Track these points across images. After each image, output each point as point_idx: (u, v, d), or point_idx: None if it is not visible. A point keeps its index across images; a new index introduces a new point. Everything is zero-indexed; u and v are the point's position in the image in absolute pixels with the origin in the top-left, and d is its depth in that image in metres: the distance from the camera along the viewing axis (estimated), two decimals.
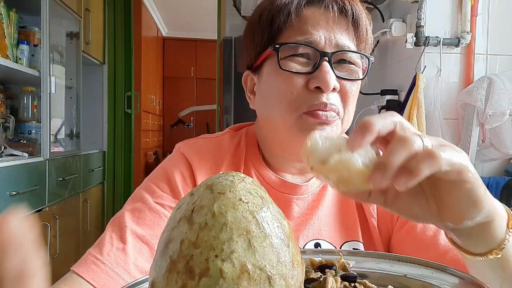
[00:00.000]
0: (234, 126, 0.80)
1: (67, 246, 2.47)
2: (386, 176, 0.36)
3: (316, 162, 0.37)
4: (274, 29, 0.64)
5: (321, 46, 0.62)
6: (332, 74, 0.61)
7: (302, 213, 0.69)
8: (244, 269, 0.28)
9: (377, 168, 0.36)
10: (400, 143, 0.37)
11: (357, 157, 0.37)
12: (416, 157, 0.36)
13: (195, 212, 0.30)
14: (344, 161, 0.37)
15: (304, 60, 0.63)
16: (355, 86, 0.65)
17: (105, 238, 0.61)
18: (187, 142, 0.73)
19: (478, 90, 1.58)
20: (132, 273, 0.58)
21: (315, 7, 0.64)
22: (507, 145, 1.59)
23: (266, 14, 0.65)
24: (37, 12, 2.12)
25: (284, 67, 0.63)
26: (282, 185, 0.70)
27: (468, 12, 1.71)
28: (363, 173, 0.37)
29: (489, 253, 0.44)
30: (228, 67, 2.79)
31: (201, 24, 5.95)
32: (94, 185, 3.10)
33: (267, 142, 0.71)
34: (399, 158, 0.36)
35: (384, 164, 0.36)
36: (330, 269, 0.42)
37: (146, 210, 0.64)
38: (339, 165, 0.37)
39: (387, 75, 2.07)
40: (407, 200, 0.42)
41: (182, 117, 6.07)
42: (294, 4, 0.63)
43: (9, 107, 2.23)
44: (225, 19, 3.16)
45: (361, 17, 0.65)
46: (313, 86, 0.61)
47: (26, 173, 1.95)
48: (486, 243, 0.44)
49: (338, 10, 0.64)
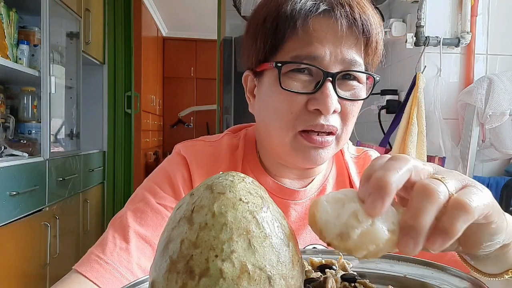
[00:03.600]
0: (233, 128, 0.79)
1: (67, 246, 2.47)
2: (418, 241, 0.31)
3: (334, 238, 0.32)
4: (277, 38, 0.61)
5: (326, 63, 0.59)
6: (334, 96, 0.58)
7: (300, 218, 0.69)
8: (244, 269, 0.28)
9: (407, 234, 0.31)
10: (425, 197, 0.32)
11: (380, 225, 0.32)
12: (447, 213, 0.32)
13: (195, 212, 0.30)
14: (368, 233, 0.32)
15: (307, 77, 0.60)
16: (357, 105, 0.63)
17: (107, 237, 0.61)
18: (186, 144, 0.73)
19: (478, 90, 1.58)
20: (135, 273, 0.58)
21: (324, 19, 0.59)
22: (507, 145, 1.59)
23: (271, 20, 0.61)
24: (37, 12, 2.12)
25: (285, 86, 0.60)
26: (279, 190, 0.69)
27: (468, 12, 1.71)
28: (391, 241, 0.32)
29: (505, 273, 0.43)
30: (228, 67, 2.79)
31: (201, 24, 5.95)
32: (94, 185, 3.10)
33: (265, 148, 0.71)
34: (428, 218, 0.31)
35: (414, 227, 0.31)
36: (330, 269, 0.42)
37: (149, 211, 0.64)
38: (363, 239, 0.32)
39: (387, 75, 2.07)
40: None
41: (182, 117, 6.07)
42: (301, 15, 0.59)
43: (9, 107, 2.23)
44: (225, 19, 3.16)
45: (372, 30, 0.61)
46: (312, 107, 0.59)
47: (26, 173, 1.94)
48: (502, 265, 0.42)
49: (348, 24, 0.59)
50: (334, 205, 0.33)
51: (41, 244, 2.11)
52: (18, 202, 1.85)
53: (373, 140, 2.01)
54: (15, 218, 1.84)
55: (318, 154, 0.61)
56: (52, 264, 2.19)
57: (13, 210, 1.82)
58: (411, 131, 1.65)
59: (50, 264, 2.18)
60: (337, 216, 0.32)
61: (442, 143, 1.66)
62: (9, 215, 1.79)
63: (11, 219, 1.80)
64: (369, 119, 2.04)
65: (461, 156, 1.68)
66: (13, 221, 1.82)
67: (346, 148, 0.77)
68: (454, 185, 0.33)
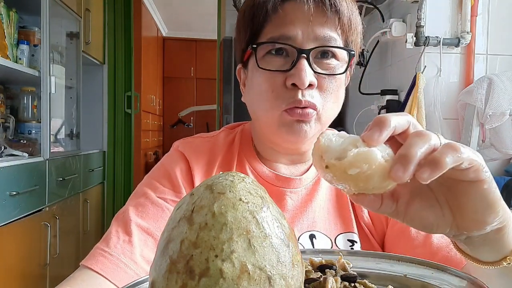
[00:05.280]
0: (230, 125, 0.82)
1: (67, 246, 2.47)
2: (409, 168, 0.34)
3: (332, 158, 0.35)
4: (255, 26, 0.66)
5: (299, 42, 0.63)
6: (309, 70, 0.62)
7: (296, 206, 0.70)
8: (244, 269, 0.28)
9: (399, 161, 0.34)
10: (419, 137, 0.35)
11: (375, 149, 0.35)
12: (438, 149, 0.35)
13: (195, 212, 0.30)
14: (363, 153, 0.34)
15: (283, 57, 0.64)
16: (336, 82, 0.65)
17: (111, 232, 0.63)
18: (185, 141, 0.76)
19: (478, 90, 1.58)
20: (139, 263, 0.60)
21: (292, 2, 0.64)
22: (507, 145, 1.59)
23: (248, 11, 0.67)
24: (37, 12, 2.12)
25: (262, 66, 0.64)
26: (275, 178, 0.71)
27: (468, 12, 1.71)
28: (383, 168, 0.34)
29: (503, 260, 0.42)
30: (228, 67, 2.79)
31: (201, 24, 5.95)
32: (94, 185, 3.10)
33: (258, 135, 0.74)
34: (420, 150, 0.34)
35: (406, 155, 0.34)
36: (330, 269, 0.42)
37: (149, 205, 0.66)
38: (358, 157, 0.34)
39: (387, 75, 2.07)
40: (420, 209, 0.40)
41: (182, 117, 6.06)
42: (271, 1, 0.64)
43: (9, 107, 2.23)
44: (225, 19, 3.16)
45: (342, 7, 0.64)
46: (289, 83, 0.62)
47: (26, 173, 1.94)
48: (499, 251, 0.42)
49: (315, 3, 0.63)
50: (338, 137, 0.37)
51: (41, 244, 2.11)
52: (18, 202, 1.85)
53: None
54: (15, 218, 1.84)
55: (301, 127, 0.64)
56: (52, 264, 2.19)
57: (13, 210, 1.82)
58: None
59: (50, 264, 2.18)
60: (339, 144, 0.36)
61: None
62: (9, 215, 1.79)
63: (11, 219, 1.80)
64: (369, 119, 2.02)
65: None
66: (13, 221, 1.82)
67: None
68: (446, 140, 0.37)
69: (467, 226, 0.39)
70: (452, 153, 0.34)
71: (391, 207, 0.41)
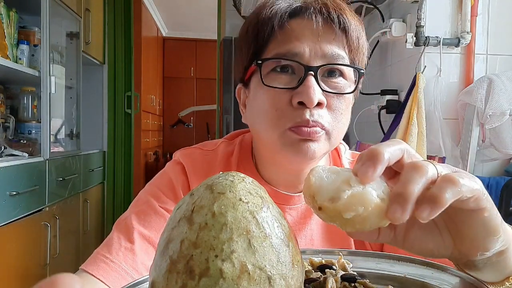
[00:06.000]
0: (230, 135, 0.80)
1: (67, 246, 2.46)
2: (406, 208, 0.32)
3: (325, 200, 0.33)
4: (259, 43, 0.63)
5: (306, 59, 0.60)
6: (317, 88, 0.58)
7: (295, 222, 0.70)
8: (244, 269, 0.28)
9: (395, 201, 0.32)
10: (415, 171, 0.33)
11: (370, 189, 0.33)
12: (436, 185, 0.33)
13: (195, 212, 0.30)
14: (358, 195, 0.32)
15: (289, 75, 0.61)
16: (345, 101, 0.62)
17: (112, 238, 0.63)
18: (185, 152, 0.75)
19: (478, 90, 1.58)
20: (140, 272, 0.60)
21: (299, 19, 0.61)
22: (507, 145, 1.59)
23: (252, 28, 0.64)
24: (37, 12, 2.12)
25: (267, 83, 0.61)
26: (274, 195, 0.69)
27: (468, 12, 1.71)
28: (380, 208, 0.33)
29: (505, 281, 0.42)
30: (228, 67, 2.79)
31: (201, 24, 5.95)
32: (94, 185, 3.10)
33: (260, 154, 0.72)
34: (417, 187, 0.32)
35: (402, 194, 0.32)
36: (330, 269, 0.42)
37: (152, 214, 0.66)
38: (352, 200, 0.32)
39: (387, 75, 2.07)
40: (419, 236, 0.39)
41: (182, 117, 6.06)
42: (277, 17, 0.61)
43: (9, 107, 2.23)
44: (225, 19, 3.16)
45: (350, 25, 0.62)
46: (296, 101, 0.59)
47: (26, 173, 1.94)
48: (502, 272, 0.41)
49: (323, 20, 0.61)
50: (329, 173, 0.34)
51: (41, 244, 2.11)
52: (18, 202, 1.85)
53: (373, 140, 2.01)
54: (15, 218, 1.84)
55: (309, 147, 0.59)
56: (52, 264, 2.19)
57: (13, 210, 1.82)
58: (411, 131, 1.65)
59: (50, 264, 2.18)
60: (331, 182, 0.34)
61: (442, 143, 1.66)
62: (9, 215, 1.79)
63: (11, 219, 1.80)
64: (369, 119, 2.04)
65: (461, 156, 1.68)
66: (13, 221, 1.82)
67: (343, 153, 0.77)
68: (443, 169, 0.35)
69: (469, 252, 0.38)
70: (452, 187, 0.32)
71: (389, 236, 0.40)
